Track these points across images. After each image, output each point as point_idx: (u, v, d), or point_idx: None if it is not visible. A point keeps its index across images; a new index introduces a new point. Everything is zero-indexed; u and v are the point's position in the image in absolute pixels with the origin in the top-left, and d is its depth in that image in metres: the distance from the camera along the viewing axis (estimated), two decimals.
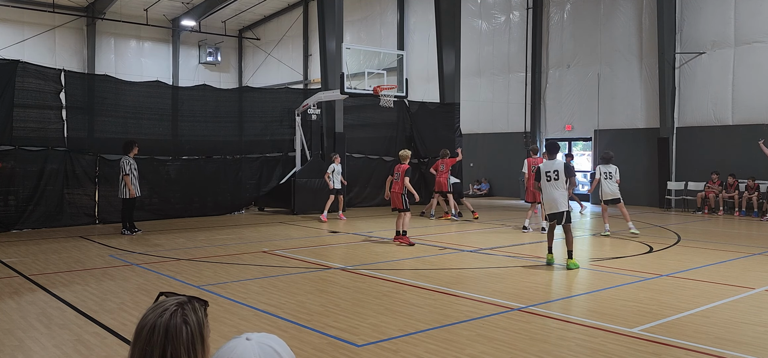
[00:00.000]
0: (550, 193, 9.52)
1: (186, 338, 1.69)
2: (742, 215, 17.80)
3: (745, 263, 10.24)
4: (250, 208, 18.57)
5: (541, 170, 9.59)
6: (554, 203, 9.50)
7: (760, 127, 18.28)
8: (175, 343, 1.67)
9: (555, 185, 9.49)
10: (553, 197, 9.49)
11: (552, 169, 9.50)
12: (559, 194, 9.47)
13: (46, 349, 5.55)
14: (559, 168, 9.46)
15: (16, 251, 11.04)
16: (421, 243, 12.26)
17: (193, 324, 1.71)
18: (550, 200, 9.54)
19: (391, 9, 29.50)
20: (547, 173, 9.52)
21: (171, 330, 1.68)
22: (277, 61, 35.57)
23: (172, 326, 1.68)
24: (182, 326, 1.69)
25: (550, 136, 24.19)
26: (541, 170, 9.59)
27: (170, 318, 1.69)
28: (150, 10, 32.34)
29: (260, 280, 8.71)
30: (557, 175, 9.45)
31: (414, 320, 6.50)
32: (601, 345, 5.70)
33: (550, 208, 9.59)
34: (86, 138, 15.32)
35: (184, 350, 1.68)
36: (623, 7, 21.66)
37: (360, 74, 16.12)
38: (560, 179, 9.44)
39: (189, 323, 1.70)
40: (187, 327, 1.70)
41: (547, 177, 9.51)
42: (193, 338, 1.70)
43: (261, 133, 18.63)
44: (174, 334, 1.68)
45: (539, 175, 9.63)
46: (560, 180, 9.45)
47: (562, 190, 9.48)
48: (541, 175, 9.57)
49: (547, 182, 9.51)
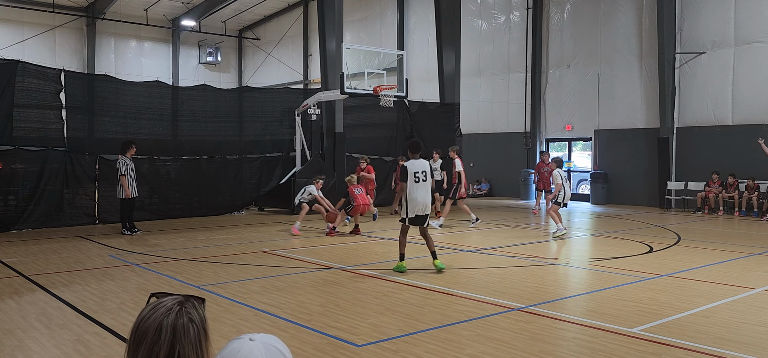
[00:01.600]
0: (419, 194, 9.07)
1: (194, 336, 1.70)
2: (742, 215, 17.81)
3: (745, 263, 10.24)
4: (250, 208, 18.57)
5: (408, 171, 9.06)
6: (423, 205, 9.12)
7: (760, 127, 18.28)
8: (183, 341, 1.68)
9: (425, 187, 9.13)
10: (420, 197, 9.09)
11: (420, 170, 9.11)
12: (427, 195, 9.18)
13: (46, 349, 5.55)
14: (427, 169, 9.17)
15: (16, 251, 11.04)
16: (421, 243, 12.25)
17: (198, 322, 1.72)
18: (417, 200, 9.07)
19: (391, 9, 29.50)
20: (415, 174, 9.05)
21: (179, 330, 1.68)
22: (277, 61, 35.57)
23: (180, 326, 1.69)
24: (189, 325, 1.70)
25: (550, 136, 24.21)
26: (408, 171, 9.06)
27: (176, 318, 1.69)
28: (150, 10, 32.34)
29: (260, 280, 8.71)
30: (426, 176, 9.13)
31: (414, 320, 6.50)
32: (601, 345, 5.70)
33: (415, 210, 9.09)
34: (86, 138, 15.31)
35: (192, 349, 1.69)
36: (623, 7, 21.66)
37: (360, 74, 16.11)
38: (428, 180, 9.17)
39: (195, 322, 1.71)
40: (193, 326, 1.70)
41: (415, 178, 9.04)
42: (199, 335, 1.71)
43: (261, 133, 18.62)
44: (182, 333, 1.68)
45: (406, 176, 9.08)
46: (428, 182, 9.18)
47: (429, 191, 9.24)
48: (409, 176, 9.04)
49: (415, 182, 9.05)
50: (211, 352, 1.74)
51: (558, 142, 24.53)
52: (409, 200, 9.07)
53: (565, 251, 11.98)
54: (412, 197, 9.06)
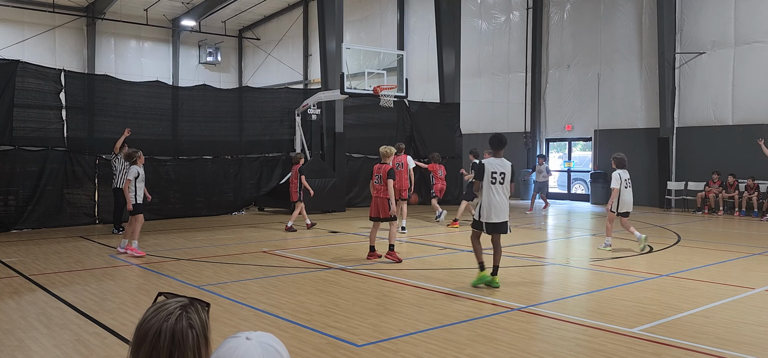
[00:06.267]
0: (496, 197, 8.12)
1: (192, 343, 1.68)
2: (742, 215, 17.80)
3: (745, 263, 10.24)
4: (250, 208, 18.57)
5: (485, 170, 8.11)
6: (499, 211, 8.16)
7: (760, 127, 18.28)
8: (182, 348, 1.66)
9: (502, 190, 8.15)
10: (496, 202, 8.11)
11: (499, 171, 8.12)
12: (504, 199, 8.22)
13: (46, 349, 5.54)
14: (507, 170, 8.16)
15: (16, 251, 11.03)
16: (421, 243, 12.26)
17: (198, 328, 1.70)
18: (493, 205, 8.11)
19: (391, 9, 29.50)
20: (492, 174, 8.09)
21: (177, 335, 1.67)
22: (277, 61, 35.57)
23: (179, 331, 1.67)
24: (188, 331, 1.68)
25: (550, 136, 24.21)
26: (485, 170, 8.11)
27: (176, 323, 1.68)
28: (150, 10, 32.34)
29: (260, 280, 8.71)
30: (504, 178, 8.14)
31: (414, 320, 6.50)
32: (601, 345, 5.70)
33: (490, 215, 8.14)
34: (86, 138, 15.30)
35: (191, 355, 1.68)
36: (623, 7, 21.66)
37: (360, 74, 16.11)
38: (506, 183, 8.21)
39: (194, 328, 1.69)
40: (192, 332, 1.69)
41: (491, 178, 8.09)
42: (198, 342, 1.69)
43: (261, 133, 18.61)
44: (181, 339, 1.67)
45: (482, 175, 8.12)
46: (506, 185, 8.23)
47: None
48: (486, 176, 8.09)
49: (491, 184, 8.11)
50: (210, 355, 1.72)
51: (558, 142, 24.53)
52: (484, 203, 8.12)
53: (565, 251, 11.98)
54: (487, 201, 8.08)
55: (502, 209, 8.14)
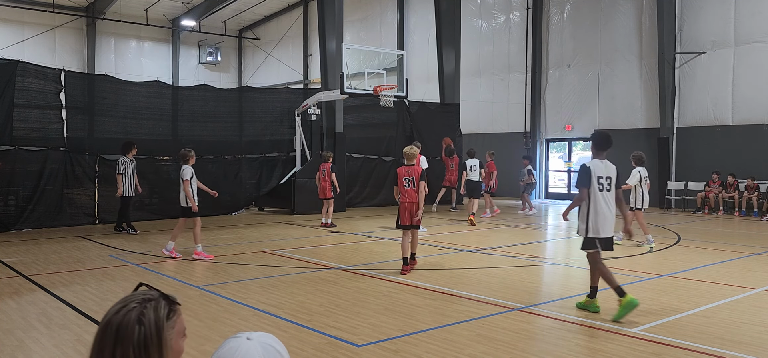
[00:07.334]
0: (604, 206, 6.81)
1: (137, 339, 1.55)
2: (742, 215, 17.81)
3: (745, 263, 10.24)
4: (250, 208, 18.57)
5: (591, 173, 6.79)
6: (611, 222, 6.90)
7: (760, 127, 18.28)
8: (125, 344, 1.55)
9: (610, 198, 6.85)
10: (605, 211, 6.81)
11: (605, 175, 6.83)
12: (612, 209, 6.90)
13: (46, 349, 5.54)
14: (613, 174, 6.86)
15: (16, 251, 11.03)
16: (420, 243, 12.23)
17: (149, 324, 1.57)
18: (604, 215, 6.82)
19: (391, 9, 29.50)
20: (598, 179, 6.80)
21: (122, 330, 1.55)
22: (277, 61, 35.57)
23: (123, 325, 1.56)
24: (135, 326, 1.56)
25: (550, 136, 24.21)
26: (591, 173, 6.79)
27: (124, 316, 1.57)
28: (150, 10, 32.34)
29: (260, 280, 8.71)
30: (610, 183, 6.85)
31: (414, 320, 6.50)
32: (601, 345, 5.70)
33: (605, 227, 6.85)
34: (86, 138, 15.31)
35: (133, 353, 1.55)
36: (623, 7, 21.66)
37: (360, 74, 16.11)
38: (613, 189, 6.85)
39: (143, 323, 1.57)
40: (140, 327, 1.56)
41: (598, 184, 6.79)
42: (145, 339, 1.56)
43: (261, 133, 18.62)
44: (124, 334, 1.55)
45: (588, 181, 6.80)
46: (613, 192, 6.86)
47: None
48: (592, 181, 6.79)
49: (599, 190, 6.77)
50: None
51: (558, 142, 24.53)
52: (593, 214, 6.75)
53: (565, 251, 11.98)
54: (598, 211, 6.73)
55: (612, 221, 6.84)
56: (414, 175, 9.12)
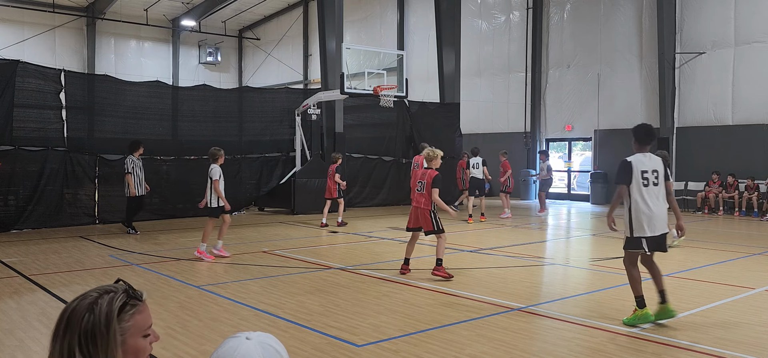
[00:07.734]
0: (649, 203, 6.32)
1: (84, 328, 1.48)
2: (742, 215, 17.81)
3: (745, 263, 10.24)
4: (250, 208, 18.57)
5: (633, 168, 6.37)
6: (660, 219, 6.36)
7: (760, 127, 18.29)
8: (72, 331, 1.49)
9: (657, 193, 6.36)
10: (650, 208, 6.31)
11: (651, 169, 6.39)
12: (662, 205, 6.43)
13: (46, 349, 5.53)
14: (659, 168, 6.44)
15: (16, 251, 11.03)
16: (420, 243, 12.23)
17: (99, 315, 1.49)
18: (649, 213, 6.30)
19: (391, 9, 29.50)
20: (643, 174, 6.35)
21: (73, 317, 1.49)
22: (277, 61, 35.57)
23: (74, 313, 1.49)
24: (84, 315, 1.49)
25: (550, 136, 24.20)
26: (633, 168, 6.37)
27: (78, 305, 1.51)
28: (150, 10, 32.34)
29: (260, 280, 8.71)
30: (657, 178, 6.37)
31: (414, 320, 6.50)
32: (601, 345, 5.70)
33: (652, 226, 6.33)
34: (86, 138, 15.30)
35: (77, 344, 1.48)
36: (623, 7, 21.66)
37: (360, 74, 16.11)
38: (661, 184, 6.37)
39: (94, 312, 1.50)
40: (89, 316, 1.49)
41: (643, 179, 6.34)
42: (92, 330, 1.49)
43: (261, 133, 18.61)
44: (74, 321, 1.49)
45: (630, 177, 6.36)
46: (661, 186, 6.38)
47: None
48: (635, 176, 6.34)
49: (644, 186, 6.32)
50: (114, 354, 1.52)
51: (558, 142, 24.53)
52: (634, 212, 6.29)
53: (565, 251, 11.98)
54: (639, 208, 6.27)
55: (661, 217, 6.31)
56: (426, 180, 8.76)
